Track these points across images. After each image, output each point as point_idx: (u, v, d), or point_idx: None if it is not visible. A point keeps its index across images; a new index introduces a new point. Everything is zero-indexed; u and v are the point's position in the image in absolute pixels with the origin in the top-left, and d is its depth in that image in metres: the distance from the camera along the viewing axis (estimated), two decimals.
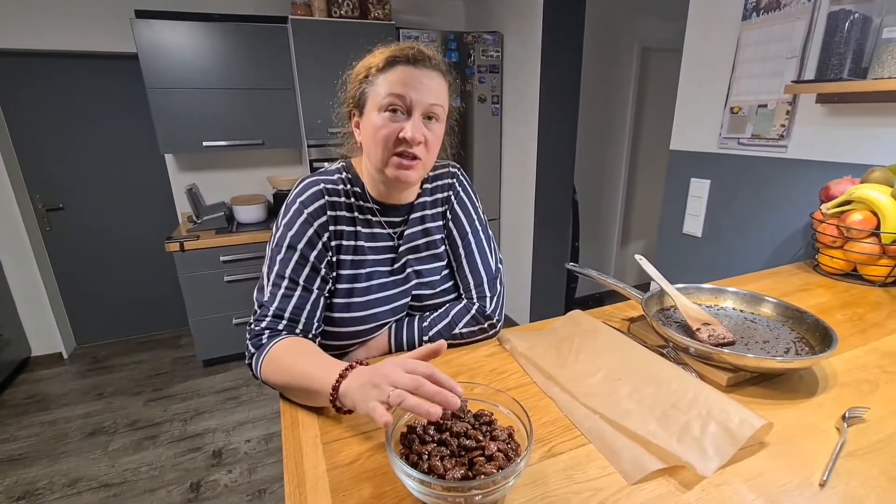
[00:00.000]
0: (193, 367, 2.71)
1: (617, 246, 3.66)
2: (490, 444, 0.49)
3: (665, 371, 0.64)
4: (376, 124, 0.71)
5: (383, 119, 0.71)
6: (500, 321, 0.85)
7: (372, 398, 0.50)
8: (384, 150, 0.72)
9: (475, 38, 2.71)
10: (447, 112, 0.77)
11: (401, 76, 0.70)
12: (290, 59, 2.54)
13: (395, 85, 0.70)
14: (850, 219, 1.01)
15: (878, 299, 0.95)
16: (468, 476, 0.45)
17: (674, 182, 1.72)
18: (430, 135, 0.72)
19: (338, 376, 0.56)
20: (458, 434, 0.50)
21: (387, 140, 0.71)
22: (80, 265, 2.86)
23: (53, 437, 2.12)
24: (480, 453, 0.48)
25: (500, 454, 0.47)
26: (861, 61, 1.09)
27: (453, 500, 0.43)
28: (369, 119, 0.73)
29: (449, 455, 0.48)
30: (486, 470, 0.45)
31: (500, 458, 0.47)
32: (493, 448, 0.48)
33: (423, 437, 0.51)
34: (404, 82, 0.70)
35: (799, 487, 0.48)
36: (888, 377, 0.67)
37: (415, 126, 0.70)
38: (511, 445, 0.50)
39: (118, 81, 2.65)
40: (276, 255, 0.75)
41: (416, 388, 0.48)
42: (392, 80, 0.70)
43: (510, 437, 0.51)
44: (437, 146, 0.76)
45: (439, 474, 0.45)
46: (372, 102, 0.73)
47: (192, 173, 2.82)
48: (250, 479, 1.84)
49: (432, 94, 0.71)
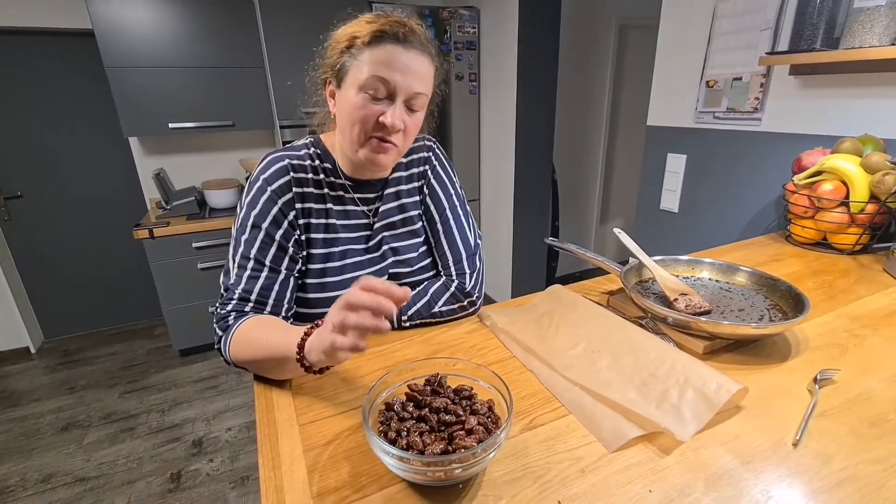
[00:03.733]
0: (170, 357, 2.65)
1: (596, 224, 3.70)
2: (470, 418, 0.48)
3: (643, 341, 0.64)
4: (355, 103, 0.67)
5: (363, 99, 0.66)
6: (479, 298, 0.84)
7: (326, 333, 0.49)
8: (360, 131, 0.68)
9: (451, 13, 2.65)
10: (430, 99, 0.73)
11: (387, 56, 0.65)
12: (259, 36, 2.43)
13: (380, 66, 0.65)
14: (821, 189, 1.03)
15: (846, 267, 0.98)
16: (447, 451, 0.44)
17: (651, 158, 1.73)
18: (409, 122, 0.69)
19: (302, 334, 0.55)
20: (438, 410, 0.49)
21: (364, 122, 0.67)
22: (44, 255, 2.73)
23: (24, 433, 2.04)
24: (460, 427, 0.47)
25: (479, 427, 0.47)
26: (833, 31, 1.10)
27: (433, 474, 0.42)
28: (347, 95, 0.68)
29: (428, 431, 0.47)
30: (465, 444, 0.44)
31: (479, 431, 0.46)
32: (473, 422, 0.47)
33: (401, 415, 0.49)
34: (390, 64, 0.65)
35: (773, 448, 0.49)
36: (856, 340, 0.69)
37: (395, 113, 0.66)
38: (491, 418, 0.49)
39: (74, 61, 2.50)
40: (240, 235, 0.72)
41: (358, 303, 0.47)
42: (377, 58, 0.65)
43: (490, 410, 0.50)
44: (415, 132, 0.72)
45: (419, 450, 0.44)
46: (353, 77, 0.67)
47: (160, 157, 2.70)
48: (232, 466, 1.82)
49: (418, 79, 0.67)
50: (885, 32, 0.97)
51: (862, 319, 0.75)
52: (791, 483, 0.45)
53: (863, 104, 1.12)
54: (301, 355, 0.54)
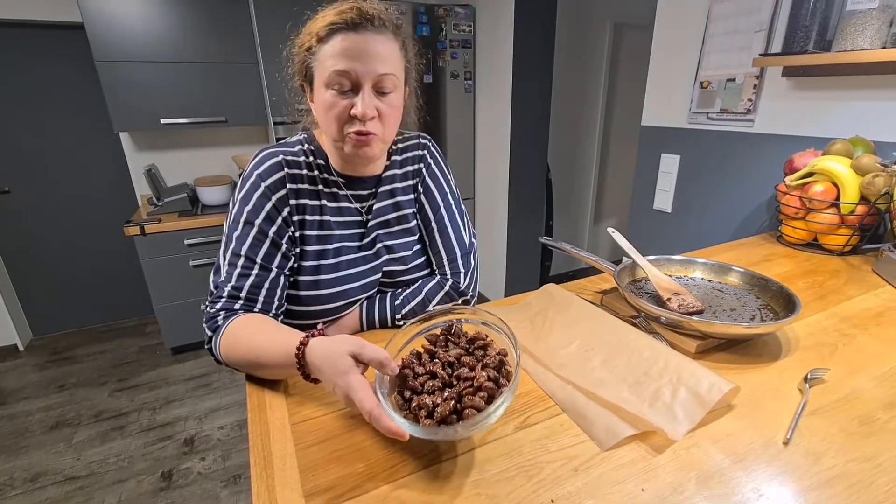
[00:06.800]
0: (161, 354, 2.62)
1: (590, 224, 3.72)
2: (480, 373, 0.49)
3: (637, 340, 0.65)
4: (325, 101, 0.66)
5: (331, 96, 0.66)
6: (474, 297, 0.84)
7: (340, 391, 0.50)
8: (337, 129, 0.67)
9: (447, 11, 2.64)
10: (404, 75, 0.71)
11: (342, 47, 0.63)
12: (252, 31, 2.40)
13: (337, 59, 0.64)
14: (812, 190, 1.04)
15: (836, 267, 0.99)
16: (457, 409, 0.46)
17: (645, 158, 1.74)
18: (383, 106, 0.67)
19: (298, 343, 0.55)
20: (451, 363, 0.52)
21: (339, 118, 0.66)
22: (33, 252, 2.69)
23: (12, 431, 2.02)
24: (469, 385, 0.48)
25: (490, 384, 0.48)
26: (826, 34, 1.10)
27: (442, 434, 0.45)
28: (319, 95, 0.68)
29: (440, 387, 0.49)
30: (474, 403, 0.46)
31: (489, 388, 0.48)
32: (483, 378, 0.48)
33: (416, 371, 0.51)
34: (347, 54, 0.63)
35: (764, 446, 0.49)
36: (846, 340, 0.70)
37: (365, 102, 0.65)
38: (502, 372, 0.51)
39: (63, 54, 2.46)
40: (232, 232, 0.71)
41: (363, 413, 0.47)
42: (333, 52, 0.64)
43: (501, 363, 0.52)
44: (394, 116, 0.71)
45: (428, 411, 0.46)
46: (319, 77, 0.67)
47: (152, 153, 2.66)
48: (224, 465, 1.81)
49: (381, 61, 0.65)
50: (877, 35, 0.98)
51: (852, 319, 0.76)
52: (782, 481, 0.45)
53: (854, 106, 1.13)
54: (301, 364, 0.54)
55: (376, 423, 0.45)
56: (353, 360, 0.50)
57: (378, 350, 0.50)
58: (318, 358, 0.53)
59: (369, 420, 0.46)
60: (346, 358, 0.50)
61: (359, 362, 0.51)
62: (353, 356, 0.50)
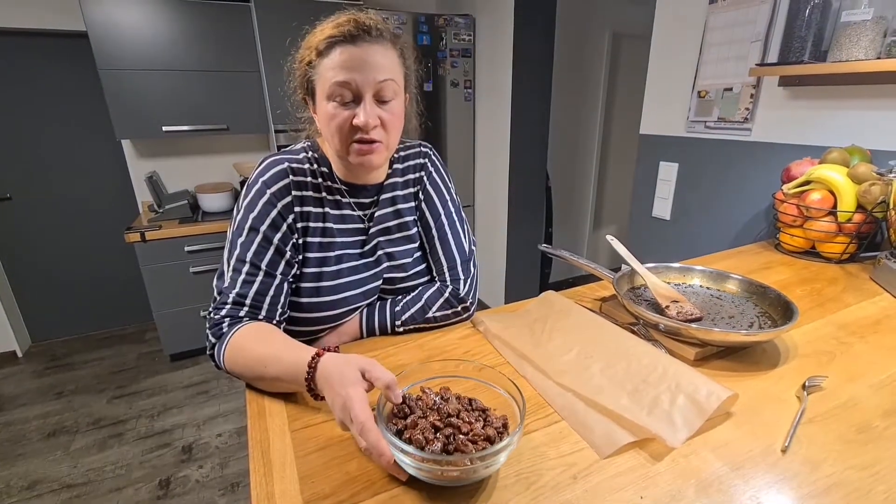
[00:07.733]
0: (160, 362, 2.61)
1: (589, 231, 3.72)
2: (476, 424, 0.48)
3: (636, 347, 0.65)
4: (328, 113, 0.68)
5: (333, 107, 0.67)
6: (473, 304, 0.84)
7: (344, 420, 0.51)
8: (340, 140, 0.69)
9: (447, 20, 2.67)
10: (404, 82, 0.72)
11: (341, 59, 0.65)
12: (255, 40, 2.43)
13: (337, 71, 0.65)
14: (810, 198, 1.04)
15: (834, 275, 0.99)
16: (447, 450, 0.45)
17: (643, 166, 1.75)
18: (385, 115, 0.69)
19: (309, 359, 0.55)
20: (449, 414, 0.49)
21: (341, 129, 0.68)
22: (33, 258, 2.69)
23: (9, 438, 2.01)
24: (464, 433, 0.47)
25: (483, 438, 0.46)
26: (821, 44, 1.12)
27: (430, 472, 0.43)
28: (322, 107, 0.69)
29: (433, 429, 0.47)
30: (466, 448, 0.45)
31: (482, 436, 0.46)
32: (478, 428, 0.47)
33: (413, 409, 0.50)
34: (346, 66, 0.65)
35: (763, 454, 0.49)
36: (844, 347, 0.70)
37: (367, 111, 0.66)
38: (501, 433, 0.48)
39: (67, 62, 2.48)
40: (236, 238, 0.71)
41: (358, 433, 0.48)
42: (332, 65, 0.65)
43: (504, 426, 0.49)
44: (396, 124, 0.72)
45: (419, 446, 0.45)
46: (320, 90, 0.68)
47: (153, 160, 2.68)
48: (223, 473, 1.80)
49: (378, 70, 0.66)
50: (871, 46, 0.99)
51: (849, 327, 0.76)
52: (780, 489, 0.45)
53: (850, 115, 1.14)
54: (311, 376, 0.55)
55: (365, 436, 0.46)
56: (361, 375, 0.52)
57: (387, 372, 0.51)
58: (328, 370, 0.53)
59: (359, 433, 0.46)
60: (355, 371, 0.52)
61: (365, 379, 0.52)
62: (362, 371, 0.52)
